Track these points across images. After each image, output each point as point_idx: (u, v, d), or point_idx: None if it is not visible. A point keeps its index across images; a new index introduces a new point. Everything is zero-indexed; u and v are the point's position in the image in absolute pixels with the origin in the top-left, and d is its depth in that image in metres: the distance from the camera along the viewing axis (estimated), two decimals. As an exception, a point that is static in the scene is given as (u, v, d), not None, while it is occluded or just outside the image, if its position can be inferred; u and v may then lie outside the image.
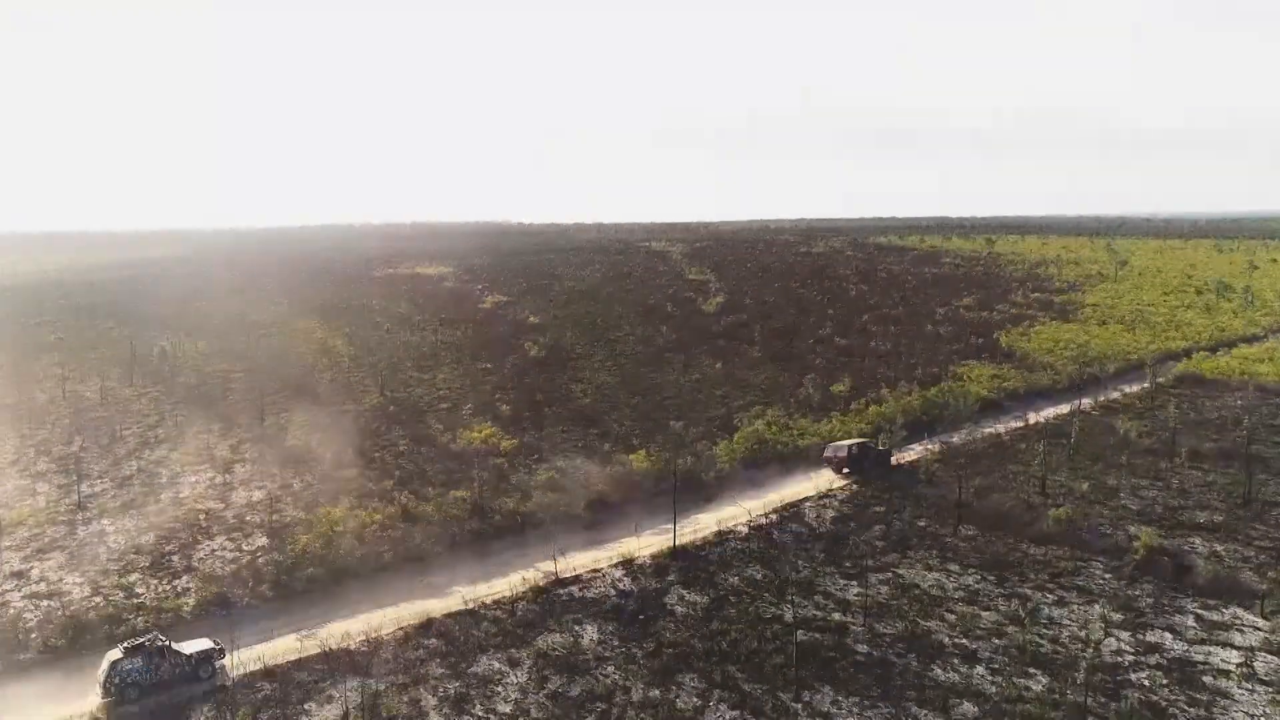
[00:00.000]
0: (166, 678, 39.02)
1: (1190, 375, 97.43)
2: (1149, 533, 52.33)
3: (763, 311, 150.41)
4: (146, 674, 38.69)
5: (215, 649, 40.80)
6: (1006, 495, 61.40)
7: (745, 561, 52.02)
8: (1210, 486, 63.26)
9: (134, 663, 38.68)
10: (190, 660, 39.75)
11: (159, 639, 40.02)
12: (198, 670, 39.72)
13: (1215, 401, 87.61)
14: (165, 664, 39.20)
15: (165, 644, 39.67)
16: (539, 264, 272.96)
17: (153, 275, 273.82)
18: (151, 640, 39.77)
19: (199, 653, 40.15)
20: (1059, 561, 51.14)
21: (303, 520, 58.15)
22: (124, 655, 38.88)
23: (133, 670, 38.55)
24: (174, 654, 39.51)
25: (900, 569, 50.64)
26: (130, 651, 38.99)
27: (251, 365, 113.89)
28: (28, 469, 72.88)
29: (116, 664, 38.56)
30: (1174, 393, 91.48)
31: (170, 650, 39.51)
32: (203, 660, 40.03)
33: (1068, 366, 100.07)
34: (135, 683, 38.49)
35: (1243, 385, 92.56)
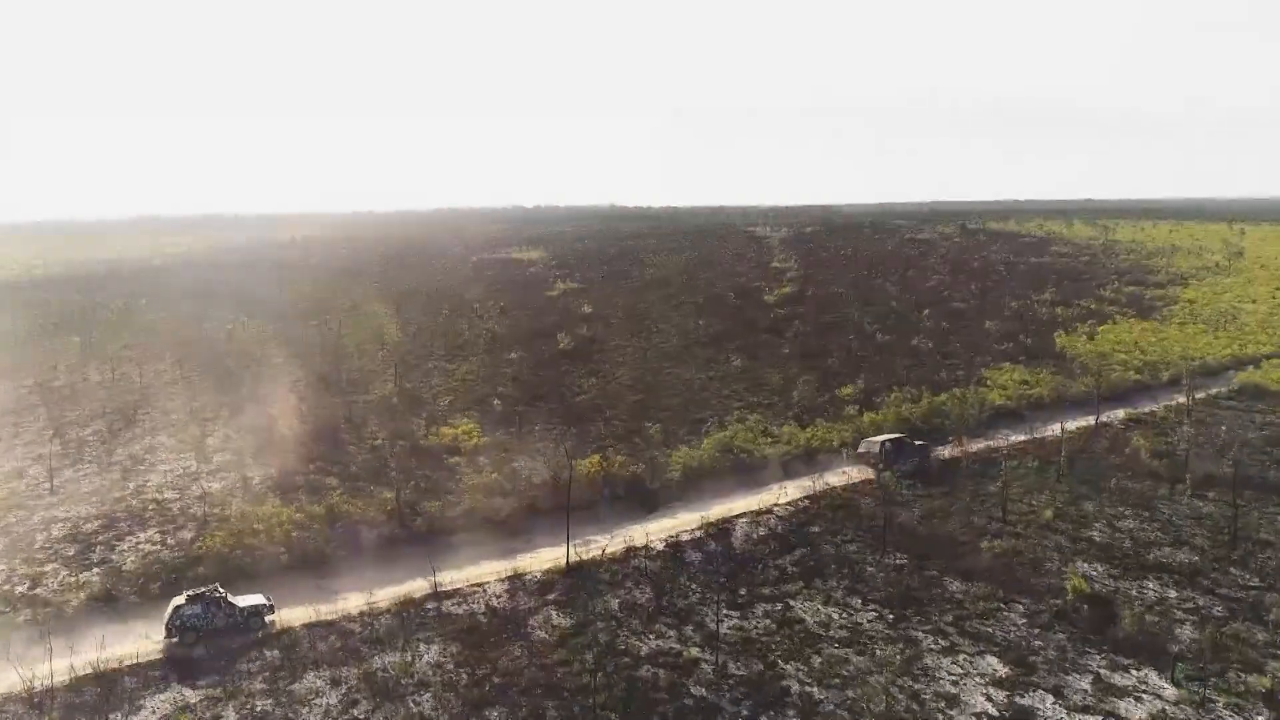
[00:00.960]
0: (220, 625, 43.33)
1: (1251, 386, 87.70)
2: (1081, 577, 46.86)
3: (824, 303, 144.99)
4: (203, 620, 43.17)
5: (266, 605, 44.84)
6: (958, 520, 56.43)
7: (637, 583, 49.44)
8: (1202, 520, 56.45)
9: (194, 609, 43.26)
10: (242, 612, 43.97)
11: (217, 590, 44.37)
12: (248, 621, 43.96)
13: (1267, 418, 78.48)
14: (220, 613, 43.51)
15: (222, 595, 43.97)
16: (633, 249, 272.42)
17: (270, 258, 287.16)
18: (211, 590, 44.22)
19: (250, 606, 44.35)
20: (976, 601, 46.39)
21: (239, 515, 58.74)
22: (186, 602, 43.51)
23: (192, 616, 43.14)
24: (229, 605, 43.79)
25: (797, 600, 47.07)
26: (192, 599, 43.62)
27: (295, 351, 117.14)
28: (33, 450, 76.66)
29: (179, 609, 43.23)
30: (1226, 406, 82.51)
31: (225, 601, 43.80)
32: (253, 613, 44.20)
33: (1115, 372, 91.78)
34: (193, 626, 43.01)
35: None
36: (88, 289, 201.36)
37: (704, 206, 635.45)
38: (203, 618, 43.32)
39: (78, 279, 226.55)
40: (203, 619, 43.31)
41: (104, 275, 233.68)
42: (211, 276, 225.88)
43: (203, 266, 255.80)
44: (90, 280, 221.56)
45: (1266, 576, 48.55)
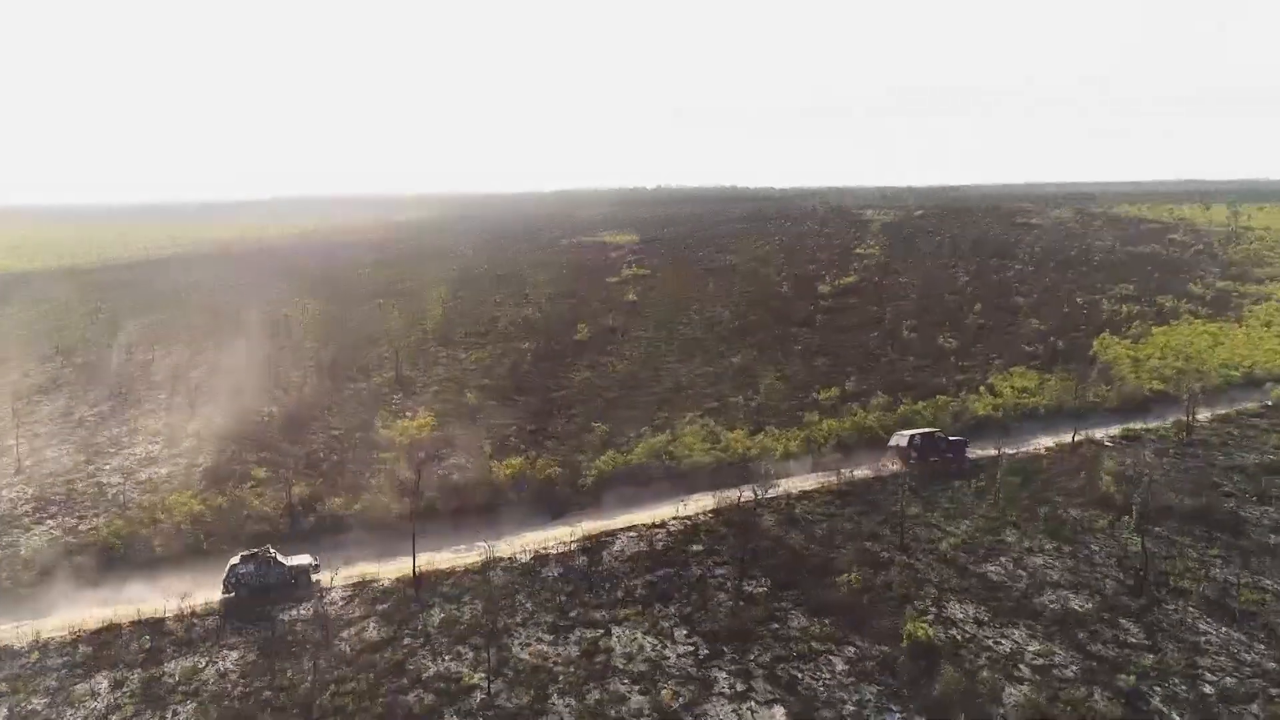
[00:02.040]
0: (271, 582, 47.36)
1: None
2: (925, 622, 42.66)
3: (878, 295, 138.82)
4: (256, 577, 47.29)
5: (312, 564, 49.12)
6: (856, 544, 52.56)
7: (474, 599, 48.16)
8: (1127, 560, 50.55)
9: (248, 567, 47.42)
10: (290, 571, 47.92)
11: (270, 550, 48.54)
12: (296, 580, 47.98)
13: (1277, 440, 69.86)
14: (271, 571, 47.58)
15: (273, 555, 48.16)
16: (726, 233, 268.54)
17: (375, 240, 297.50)
18: (264, 551, 48.39)
19: (297, 566, 48.44)
20: (809, 641, 42.96)
21: (147, 505, 60.67)
22: (240, 561, 47.63)
23: (246, 573, 47.34)
24: (279, 564, 47.84)
25: (622, 626, 44.75)
26: (246, 558, 47.82)
27: (335, 334, 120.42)
28: (32, 428, 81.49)
29: (234, 567, 47.38)
30: (1245, 424, 73.91)
31: (276, 561, 47.90)
32: (300, 573, 48.35)
33: (1139, 381, 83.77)
34: (246, 583, 47.18)
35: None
36: (189, 270, 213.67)
37: (830, 187, 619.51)
38: (255, 575, 47.20)
39: (188, 259, 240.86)
40: (255, 576, 47.18)
41: (210, 256, 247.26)
42: (309, 259, 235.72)
43: (304, 249, 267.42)
44: (194, 261, 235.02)
45: (1157, 633, 42.99)
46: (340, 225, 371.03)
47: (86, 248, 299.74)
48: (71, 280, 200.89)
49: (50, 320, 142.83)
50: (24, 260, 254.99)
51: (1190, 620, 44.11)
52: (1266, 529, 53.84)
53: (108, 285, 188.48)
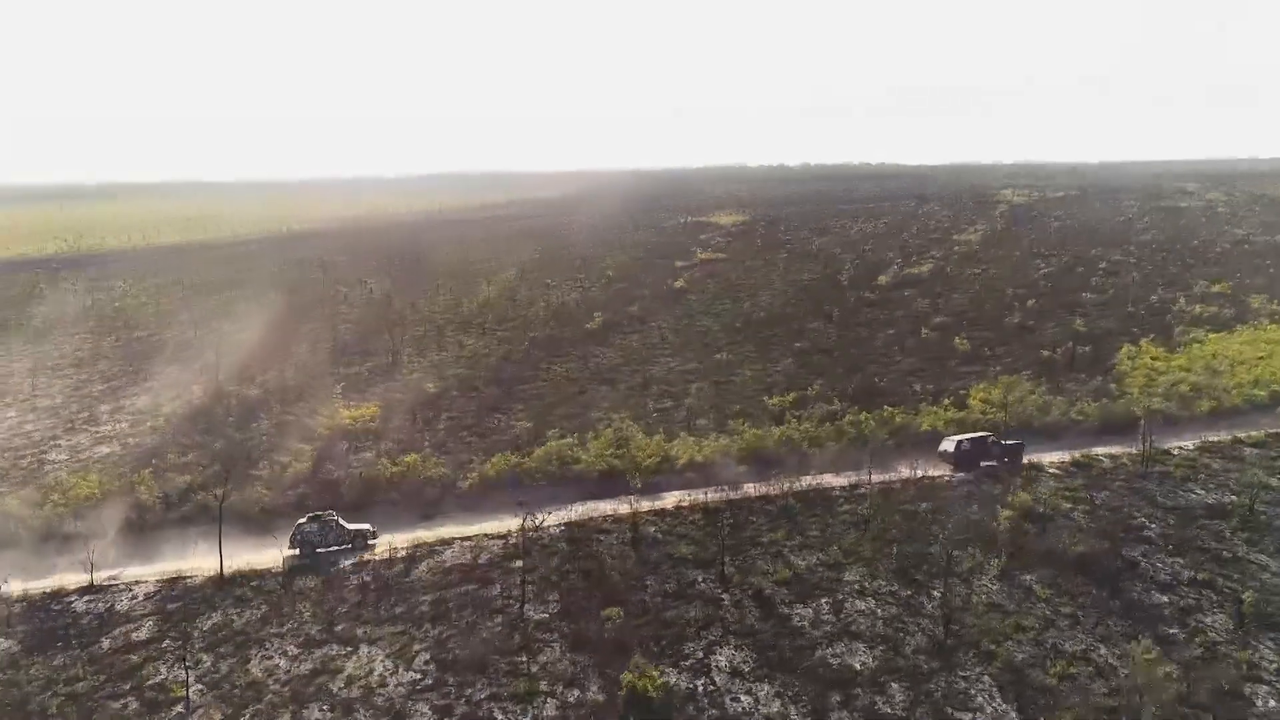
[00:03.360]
0: (331, 543, 52.22)
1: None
2: (641, 667, 39.38)
3: (940, 288, 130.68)
4: (318, 537, 52.16)
5: (370, 530, 53.59)
6: (675, 571, 49.40)
7: (262, 604, 48.26)
8: (963, 611, 45.07)
9: (312, 527, 52.32)
10: (349, 534, 52.45)
11: (332, 514, 53.32)
12: (354, 543, 52.52)
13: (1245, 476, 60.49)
14: (332, 533, 52.32)
15: (335, 519, 52.83)
16: (835, 214, 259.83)
17: (502, 215, 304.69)
18: (327, 514, 53.15)
19: (356, 530, 52.86)
20: (541, 679, 40.62)
21: (55, 483, 64.02)
22: (306, 521, 52.43)
23: (310, 533, 52.18)
24: (340, 528, 52.57)
25: (376, 645, 43.74)
26: (311, 520, 52.65)
27: (371, 315, 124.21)
28: (38, 401, 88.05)
29: (300, 526, 52.30)
30: (1239, 454, 64.56)
31: (338, 524, 52.63)
32: (358, 536, 52.77)
33: (1141, 399, 74.86)
34: (310, 541, 52.03)
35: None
36: (300, 246, 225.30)
37: (1000, 164, 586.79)
38: (318, 535, 52.01)
39: (307, 235, 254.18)
40: (318, 536, 51.98)
41: (326, 233, 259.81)
42: (417, 237, 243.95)
43: (420, 226, 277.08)
44: (311, 237, 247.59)
45: (920, 705, 38.09)
46: (464, 204, 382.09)
47: (236, 221, 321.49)
48: (197, 254, 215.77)
49: (145, 295, 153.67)
50: (176, 234, 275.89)
51: (973, 692, 38.73)
52: (1154, 586, 46.70)
53: (224, 260, 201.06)
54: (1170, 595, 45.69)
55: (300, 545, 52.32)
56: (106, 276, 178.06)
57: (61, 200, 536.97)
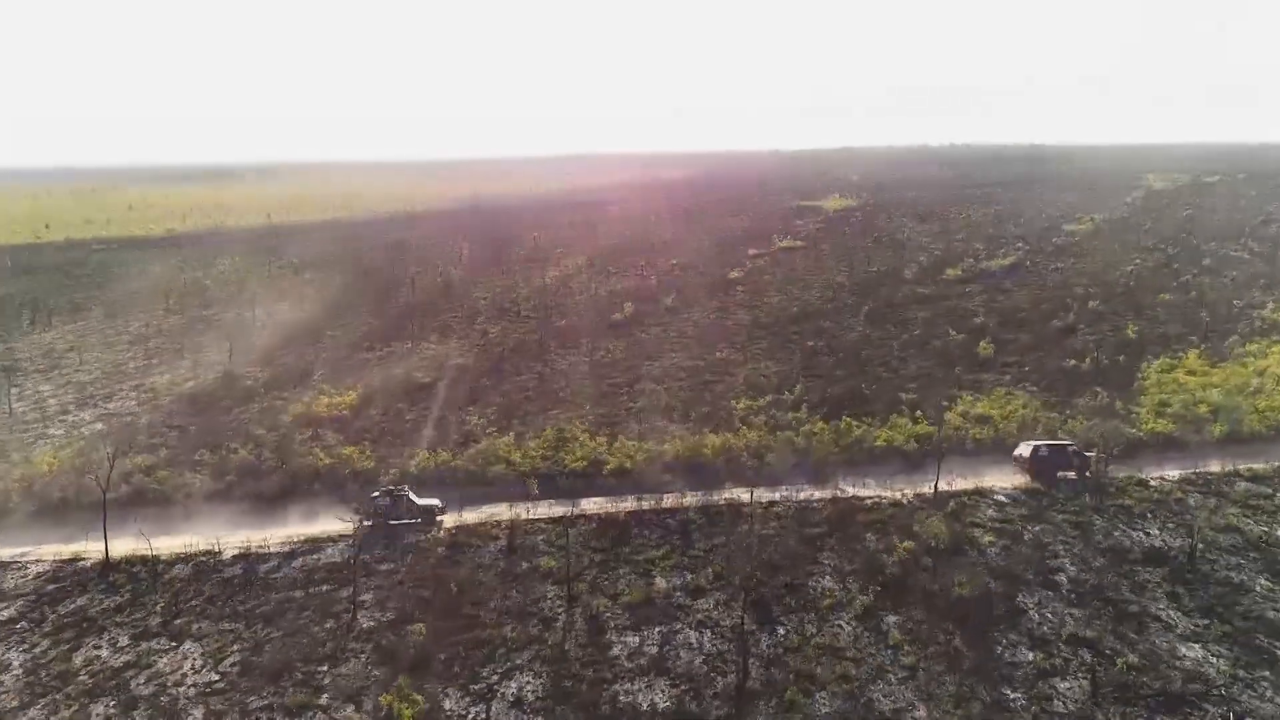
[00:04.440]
0: (401, 516, 54.16)
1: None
2: (402, 689, 38.18)
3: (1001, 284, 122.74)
4: (390, 511, 54.09)
5: (439, 506, 55.09)
6: (515, 587, 48.01)
7: (136, 592, 49.92)
8: (794, 651, 41.77)
9: (384, 501, 54.14)
10: (418, 509, 54.39)
11: (403, 489, 55.24)
12: (422, 517, 54.32)
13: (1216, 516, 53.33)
14: (402, 508, 54.13)
15: (405, 493, 54.66)
16: (960, 199, 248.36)
17: (611, 199, 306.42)
18: (399, 489, 55.15)
19: (425, 505, 54.62)
20: (303, 691, 40.24)
21: (22, 460, 68.18)
22: (380, 494, 54.54)
23: (382, 506, 54.04)
24: (410, 502, 54.40)
25: (202, 642, 44.41)
26: (384, 493, 54.70)
27: (432, 299, 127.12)
28: (72, 376, 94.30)
29: (374, 499, 54.31)
30: (1221, 490, 57.21)
31: (408, 499, 54.44)
32: (427, 512, 54.43)
33: (1147, 422, 67.70)
34: (381, 514, 53.94)
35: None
36: (414, 226, 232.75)
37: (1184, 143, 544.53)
38: (389, 509, 53.81)
39: (430, 215, 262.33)
40: (389, 510, 53.79)
41: (444, 213, 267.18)
42: (525, 219, 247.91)
43: (534, 207, 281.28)
44: (425, 218, 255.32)
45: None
46: (590, 184, 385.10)
47: (371, 200, 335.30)
48: (309, 234, 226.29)
49: (234, 274, 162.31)
50: (305, 213, 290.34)
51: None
52: (1027, 640, 41.76)
53: (329, 240, 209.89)
54: (1039, 653, 40.76)
55: (372, 518, 53.53)
56: (215, 254, 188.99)
57: (221, 179, 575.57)
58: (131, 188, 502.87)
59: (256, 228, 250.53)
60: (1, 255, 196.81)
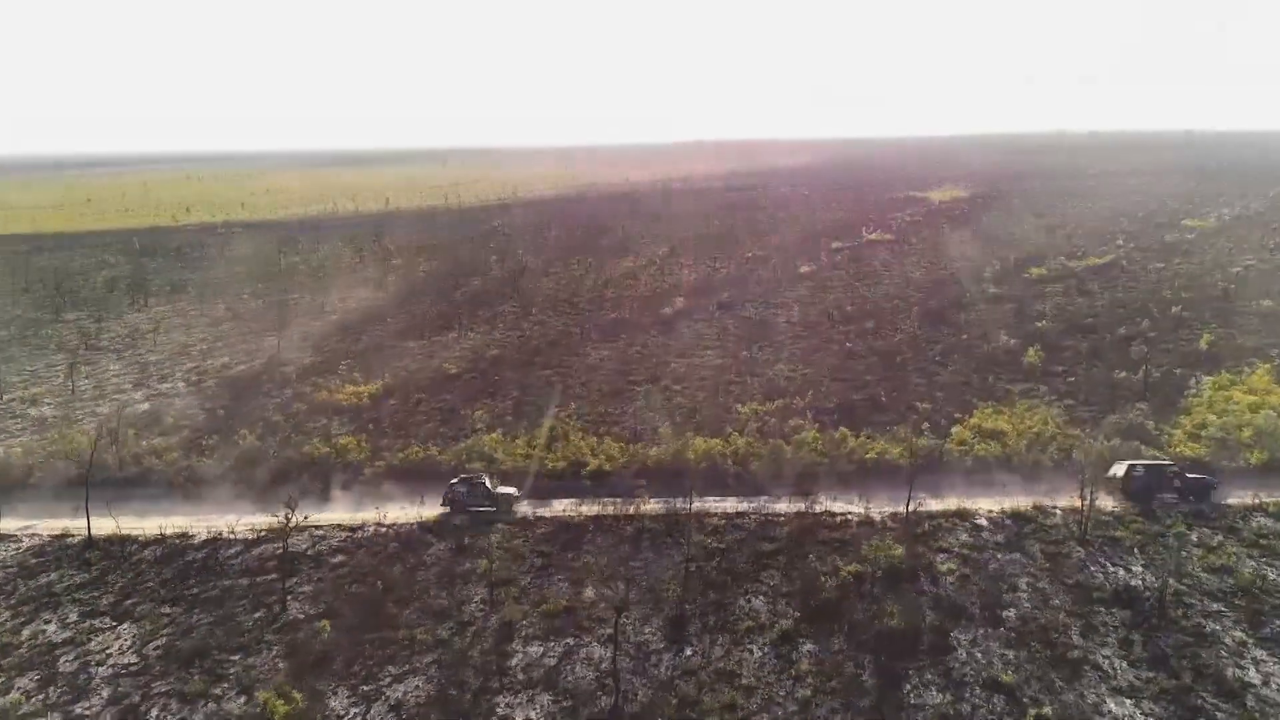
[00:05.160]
0: (478, 503, 55.10)
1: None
2: (282, 688, 38.78)
3: (1085, 285, 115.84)
4: (467, 497, 55.26)
5: (515, 495, 56.11)
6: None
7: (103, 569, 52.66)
8: (692, 674, 40.45)
9: (462, 488, 55.47)
10: (494, 498, 55.25)
11: (481, 477, 56.35)
12: (499, 505, 55.24)
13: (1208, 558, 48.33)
14: (478, 495, 55.25)
15: (482, 481, 55.75)
16: (1073, 191, 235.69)
17: (733, 186, 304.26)
18: (477, 477, 56.28)
19: (501, 494, 55.62)
20: (203, 680, 41.49)
21: (61, 436, 72.68)
22: (458, 482, 55.78)
23: (459, 492, 55.39)
24: (487, 490, 55.19)
25: (140, 624, 46.46)
26: (463, 480, 55.78)
27: (483, 289, 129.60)
28: (142, 356, 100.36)
29: (453, 485, 55.87)
30: (1234, 526, 52.09)
31: (485, 487, 55.29)
32: (503, 499, 55.58)
33: (1177, 444, 62.43)
34: (459, 501, 55.26)
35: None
36: (513, 214, 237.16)
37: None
38: (466, 495, 54.78)
39: (543, 203, 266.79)
40: (466, 496, 54.79)
41: (556, 200, 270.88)
42: (634, 207, 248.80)
43: (653, 195, 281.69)
44: (536, 205, 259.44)
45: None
46: (713, 170, 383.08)
47: (507, 185, 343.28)
48: (421, 220, 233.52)
49: (331, 259, 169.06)
50: (431, 199, 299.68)
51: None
52: (940, 683, 38.95)
53: (439, 226, 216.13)
54: (949, 695, 38.04)
55: (451, 504, 54.59)
56: (326, 239, 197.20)
57: (378, 164, 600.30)
58: (281, 172, 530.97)
59: (374, 213, 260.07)
60: (135, 237, 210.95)
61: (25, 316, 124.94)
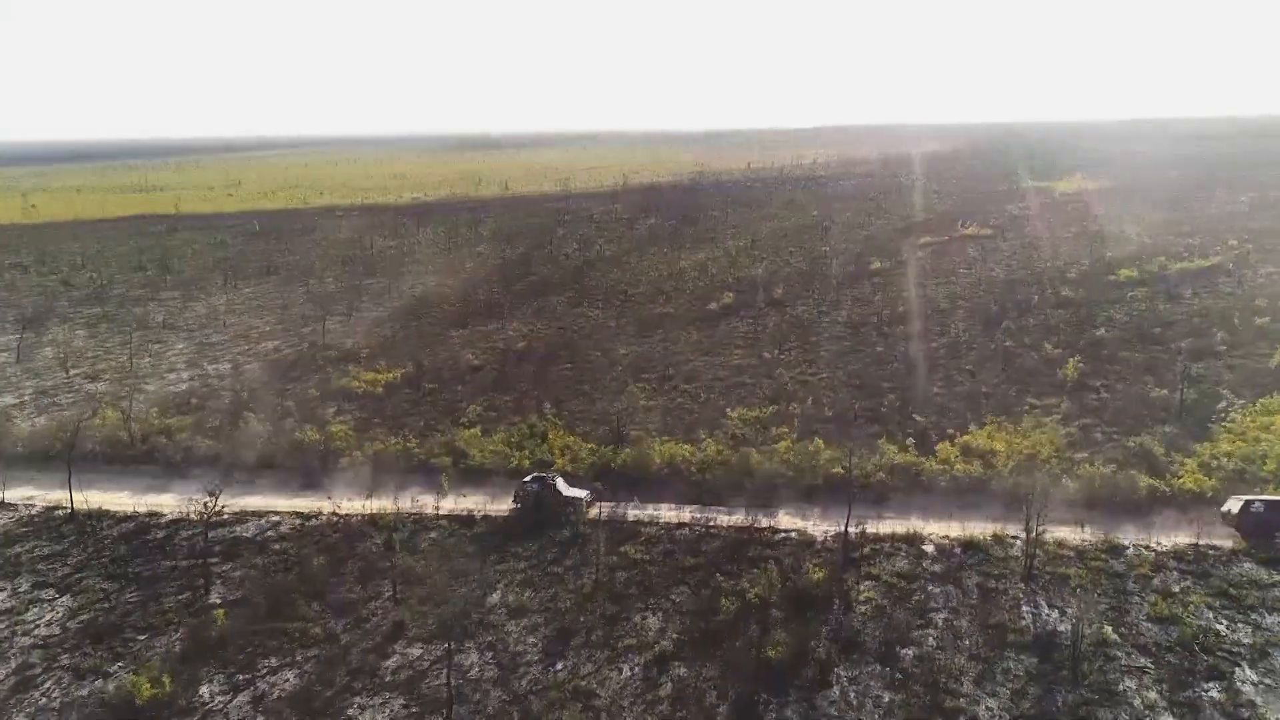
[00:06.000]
0: (547, 503, 53.83)
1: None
2: (149, 670, 40.32)
3: (1177, 290, 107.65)
4: (538, 496, 53.84)
5: (587, 498, 54.57)
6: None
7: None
8: (541, 691, 39.91)
9: (532, 487, 53.90)
10: (565, 499, 54.00)
11: (553, 478, 55.22)
12: (567, 507, 53.76)
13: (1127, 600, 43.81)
14: (548, 495, 53.88)
15: (554, 483, 54.49)
16: (1210, 183, 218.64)
17: (855, 174, 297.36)
18: (549, 477, 55.23)
19: (571, 496, 54.10)
20: (102, 658, 43.64)
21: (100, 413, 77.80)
22: (529, 480, 54.32)
23: (529, 491, 54.04)
24: (556, 491, 54.01)
25: (69, 596, 49.43)
26: (534, 479, 54.62)
27: (544, 279, 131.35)
28: (205, 337, 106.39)
29: (524, 483, 54.77)
30: (1199, 568, 47.27)
31: (554, 488, 54.17)
32: (574, 502, 53.91)
33: (1188, 476, 57.17)
34: (530, 499, 53.92)
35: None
36: (609, 200, 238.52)
37: None
38: (539, 495, 53.62)
39: (647, 189, 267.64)
40: (536, 496, 53.67)
41: (660, 188, 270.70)
42: (734, 195, 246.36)
43: (760, 182, 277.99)
44: (640, 192, 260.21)
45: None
46: (827, 158, 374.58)
47: (622, 169, 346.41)
48: (518, 206, 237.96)
49: (420, 243, 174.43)
50: (546, 185, 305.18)
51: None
52: (802, 716, 37.12)
53: (533, 212, 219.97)
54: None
55: (521, 501, 53.94)
56: (429, 223, 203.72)
57: (518, 149, 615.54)
58: (417, 156, 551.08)
59: (488, 198, 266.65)
60: (256, 219, 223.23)
61: (128, 295, 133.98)
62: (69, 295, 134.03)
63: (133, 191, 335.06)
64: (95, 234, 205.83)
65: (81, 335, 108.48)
